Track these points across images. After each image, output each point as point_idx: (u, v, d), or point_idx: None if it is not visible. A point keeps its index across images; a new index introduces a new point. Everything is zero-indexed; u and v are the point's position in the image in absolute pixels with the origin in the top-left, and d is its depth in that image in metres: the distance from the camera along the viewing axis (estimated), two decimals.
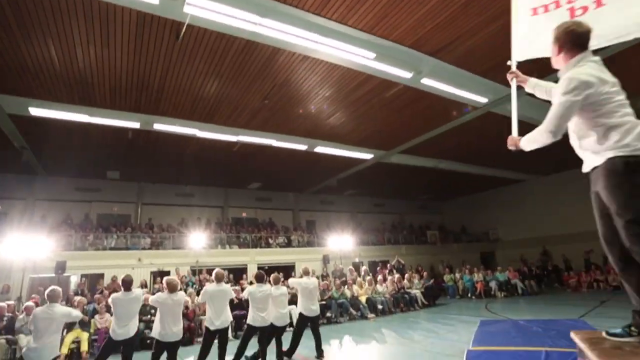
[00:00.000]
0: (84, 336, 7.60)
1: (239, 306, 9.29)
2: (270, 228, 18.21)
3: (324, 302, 9.88)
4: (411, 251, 19.22)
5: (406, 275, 12.80)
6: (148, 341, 7.73)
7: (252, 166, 15.59)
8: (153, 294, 7.86)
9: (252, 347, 5.95)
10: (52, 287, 4.88)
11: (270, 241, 16.42)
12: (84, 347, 7.43)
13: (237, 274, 13.64)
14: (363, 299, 10.80)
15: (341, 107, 11.03)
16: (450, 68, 9.28)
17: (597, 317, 8.16)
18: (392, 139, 13.77)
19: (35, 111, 9.85)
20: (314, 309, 6.52)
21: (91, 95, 9.45)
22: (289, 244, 16.89)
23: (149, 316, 8.65)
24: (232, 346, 5.96)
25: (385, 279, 12.09)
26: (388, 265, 14.34)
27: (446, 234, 22.44)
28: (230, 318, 5.99)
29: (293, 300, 8.10)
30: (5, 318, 7.32)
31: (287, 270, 15.20)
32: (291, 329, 6.90)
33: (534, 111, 11.73)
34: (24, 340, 7.05)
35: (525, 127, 2.76)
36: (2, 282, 11.48)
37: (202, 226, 16.11)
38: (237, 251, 15.36)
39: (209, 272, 13.36)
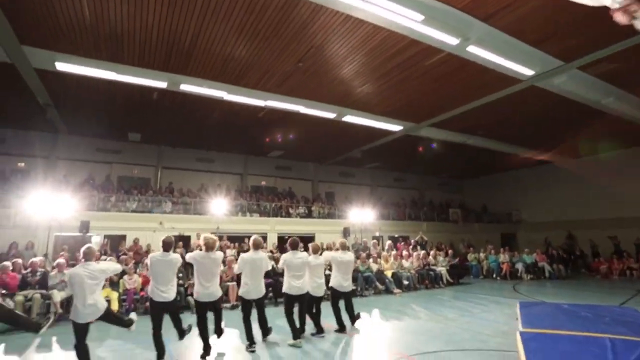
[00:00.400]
0: (114, 295, 7.58)
1: (266, 274, 9.17)
2: (290, 198, 18.02)
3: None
4: (432, 228, 18.92)
5: (431, 252, 12.54)
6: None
7: (275, 133, 15.22)
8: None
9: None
10: (88, 245, 4.73)
11: (291, 211, 16.26)
12: (115, 306, 7.40)
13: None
14: (388, 273, 10.62)
15: (376, 74, 10.45)
16: (501, 35, 8.59)
17: (638, 305, 7.83)
18: (424, 111, 13.18)
19: (61, 66, 9.52)
20: (346, 285, 6.32)
21: (120, 51, 9.05)
22: (309, 215, 16.72)
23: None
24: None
25: (410, 255, 11.85)
26: (412, 241, 14.08)
27: (467, 212, 22.02)
28: (264, 289, 5.77)
29: None
30: (38, 273, 7.28)
31: (306, 241, 15.10)
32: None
33: (583, 88, 11.09)
34: (57, 296, 7.05)
35: (572, 105, 2.31)
36: (28, 239, 11.60)
37: (222, 193, 15.95)
38: (258, 219, 15.26)
39: (230, 238, 13.33)
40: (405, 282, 10.72)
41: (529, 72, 10.08)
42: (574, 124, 14.10)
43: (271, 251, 12.58)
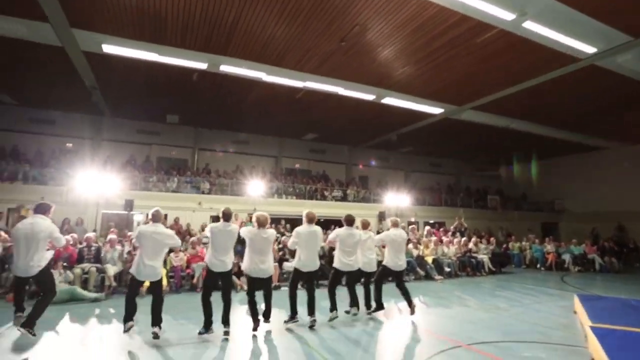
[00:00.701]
0: (163, 272, 7.74)
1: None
2: (325, 181, 17.92)
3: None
4: (468, 215, 18.26)
5: (472, 239, 12.15)
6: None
7: (311, 116, 15.04)
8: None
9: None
10: (156, 208, 4.95)
11: (326, 194, 16.17)
12: (164, 281, 7.58)
13: (293, 225, 13.63)
14: (429, 259, 10.37)
15: (421, 54, 9.99)
16: (562, 9, 7.93)
17: None
18: (468, 93, 12.58)
19: (108, 48, 9.70)
20: (400, 264, 6.17)
21: (163, 31, 9.09)
22: (344, 198, 16.58)
23: None
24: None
25: (450, 241, 11.52)
26: (451, 227, 13.69)
27: (506, 200, 21.18)
28: (319, 262, 5.70)
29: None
30: (92, 247, 7.58)
31: (341, 225, 15.05)
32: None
33: None
34: (111, 270, 7.32)
35: (635, 86, 1.94)
36: (78, 215, 12.15)
37: (257, 175, 16.06)
38: (293, 201, 15.29)
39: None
40: (447, 269, 10.46)
41: (590, 49, 9.33)
42: (636, 107, 13.07)
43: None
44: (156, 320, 4.63)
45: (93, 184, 11.96)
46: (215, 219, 13.70)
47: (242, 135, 17.78)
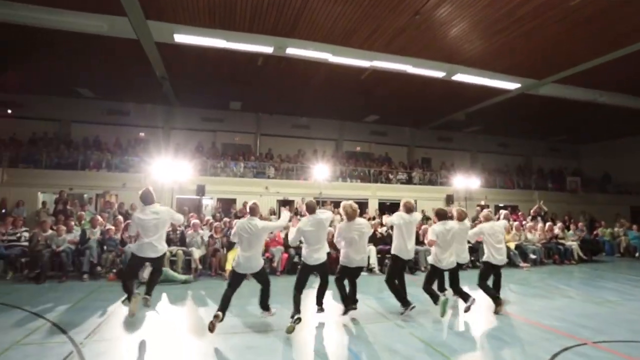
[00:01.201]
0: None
1: (382, 241, 8.93)
2: (388, 163, 17.43)
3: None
4: (544, 198, 16.82)
5: (558, 224, 11.14)
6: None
7: (374, 97, 14.52)
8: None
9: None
10: (254, 201, 4.92)
11: (391, 177, 15.71)
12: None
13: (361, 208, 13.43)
14: (511, 245, 9.64)
15: (503, 23, 9.06)
16: None
17: None
18: (552, 65, 11.35)
19: (179, 37, 9.89)
20: (501, 258, 5.65)
21: (232, 17, 9.07)
22: (409, 181, 16.02)
23: None
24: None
25: (534, 227, 10.64)
26: (531, 211, 12.66)
27: (587, 181, 19.25)
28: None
29: None
30: (177, 231, 7.89)
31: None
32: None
33: None
34: (196, 253, 7.58)
35: None
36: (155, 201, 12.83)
37: (319, 158, 15.96)
38: (359, 185, 15.04)
39: (333, 203, 13.34)
40: (533, 256, 9.67)
41: None
42: None
43: (373, 217, 12.29)
44: (265, 306, 4.79)
45: (168, 170, 12.55)
46: (282, 203, 13.94)
47: (302, 119, 17.71)
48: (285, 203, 13.63)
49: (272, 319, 4.79)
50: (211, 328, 4.15)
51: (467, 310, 5.21)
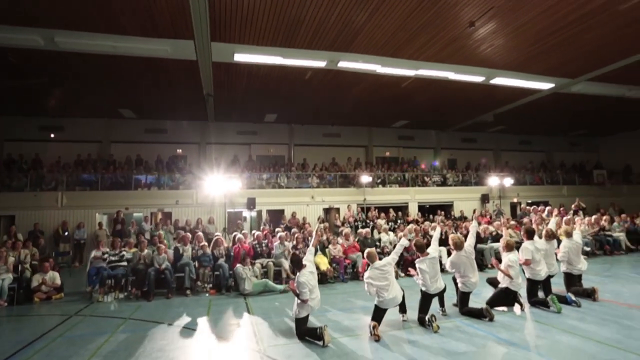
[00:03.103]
0: (324, 260, 8.28)
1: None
2: (414, 167, 17.90)
3: None
4: (572, 192, 17.49)
5: (605, 217, 11.62)
6: None
7: (408, 103, 14.98)
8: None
9: None
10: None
11: (427, 179, 16.17)
12: (324, 267, 8.06)
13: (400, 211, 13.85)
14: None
15: (550, 30, 9.54)
16: None
17: None
18: (589, 63, 11.86)
19: (239, 57, 10.29)
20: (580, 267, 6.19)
21: (294, 36, 9.45)
22: (444, 183, 16.50)
23: None
24: None
25: (582, 220, 11.09)
26: (572, 206, 13.14)
27: (610, 174, 19.81)
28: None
29: None
30: (262, 244, 8.28)
31: (446, 209, 15.04)
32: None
33: None
34: (285, 264, 7.97)
35: None
36: (207, 215, 13.21)
37: (354, 165, 16.39)
38: (398, 190, 15.49)
39: (377, 209, 13.75)
40: (587, 248, 10.13)
41: None
42: None
43: (416, 221, 12.60)
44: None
45: (219, 185, 12.91)
46: (326, 211, 14.36)
47: (332, 128, 18.14)
48: (329, 211, 14.06)
49: None
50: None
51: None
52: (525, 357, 3.91)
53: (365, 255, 5.22)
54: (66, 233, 12.03)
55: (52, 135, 15.48)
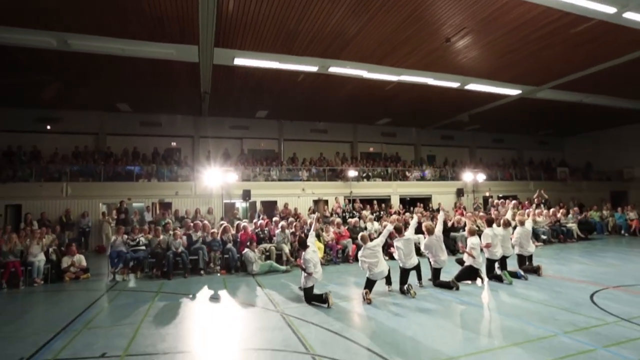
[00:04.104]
0: (320, 245, 9.46)
1: None
2: (395, 162, 19.26)
3: None
4: (538, 187, 19.17)
5: (561, 210, 13.31)
6: None
7: (392, 104, 16.25)
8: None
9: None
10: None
11: (408, 174, 17.57)
12: (320, 254, 9.23)
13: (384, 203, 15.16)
14: None
15: (516, 46, 10.96)
16: None
17: None
18: (551, 75, 13.43)
19: (238, 61, 11.27)
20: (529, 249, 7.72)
21: (292, 43, 10.48)
22: (423, 178, 17.94)
23: None
24: None
25: (541, 212, 12.73)
26: (534, 199, 14.78)
27: (572, 171, 21.81)
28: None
29: None
30: (264, 231, 9.44)
31: (425, 202, 16.48)
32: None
33: None
34: (286, 248, 9.14)
35: None
36: (206, 206, 14.16)
37: (341, 160, 17.55)
38: (382, 183, 16.81)
39: (362, 201, 15.02)
40: (543, 237, 11.75)
41: None
42: None
43: (397, 212, 13.94)
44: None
45: (217, 177, 13.88)
46: (315, 202, 15.54)
47: (320, 124, 19.24)
48: (317, 202, 15.25)
49: None
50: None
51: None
52: (478, 312, 5.26)
53: (359, 237, 6.45)
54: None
55: (49, 127, 15.90)
